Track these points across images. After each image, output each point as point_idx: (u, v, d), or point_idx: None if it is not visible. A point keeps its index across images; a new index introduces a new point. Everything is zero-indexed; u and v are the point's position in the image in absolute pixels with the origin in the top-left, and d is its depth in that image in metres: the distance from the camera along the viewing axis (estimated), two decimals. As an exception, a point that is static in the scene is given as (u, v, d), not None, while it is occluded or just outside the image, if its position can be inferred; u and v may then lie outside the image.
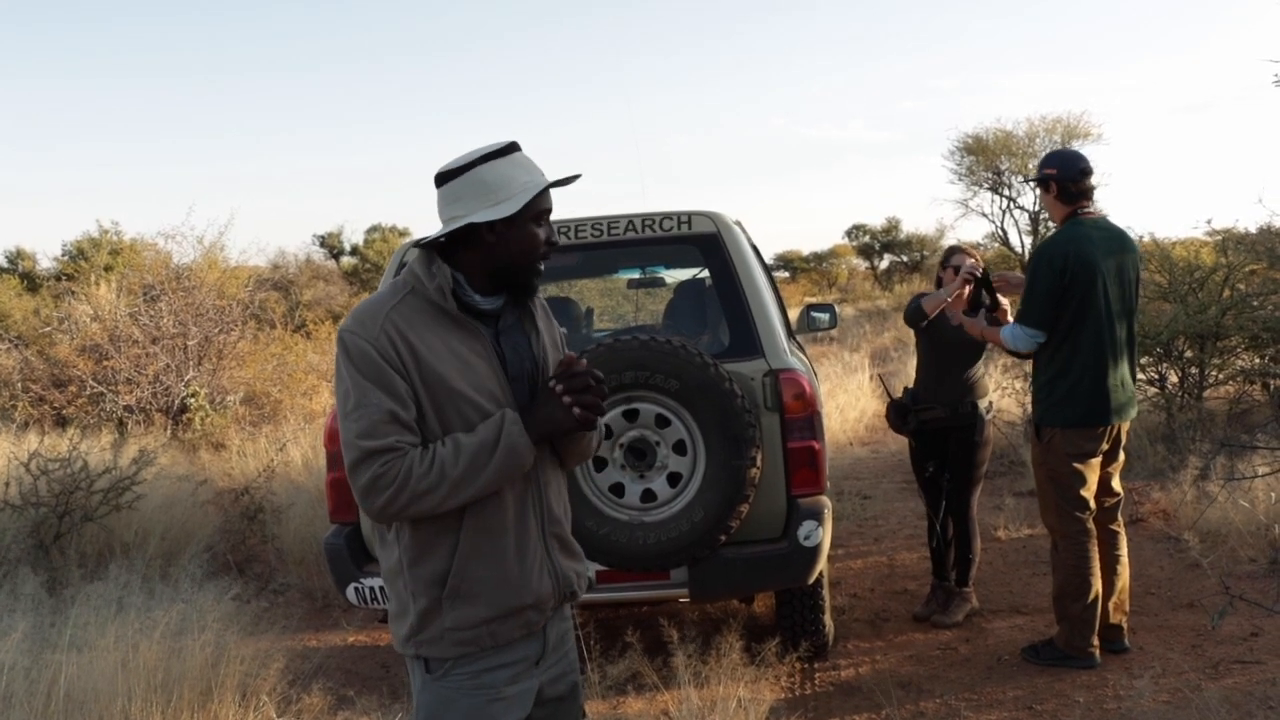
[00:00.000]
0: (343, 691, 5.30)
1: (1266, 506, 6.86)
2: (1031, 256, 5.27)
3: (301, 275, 31.00)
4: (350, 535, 5.11)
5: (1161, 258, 11.08)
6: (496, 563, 2.43)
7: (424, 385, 2.38)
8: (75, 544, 7.30)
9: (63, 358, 13.13)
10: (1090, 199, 5.29)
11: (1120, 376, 5.16)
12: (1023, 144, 35.36)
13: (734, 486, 4.72)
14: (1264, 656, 5.13)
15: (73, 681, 4.61)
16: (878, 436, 12.75)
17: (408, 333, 2.38)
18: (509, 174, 2.42)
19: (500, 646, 2.45)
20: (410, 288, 2.46)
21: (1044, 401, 5.19)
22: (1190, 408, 9.81)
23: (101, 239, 24.68)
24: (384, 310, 2.41)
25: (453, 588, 2.41)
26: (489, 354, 2.46)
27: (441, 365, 2.39)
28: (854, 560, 7.46)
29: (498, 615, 2.43)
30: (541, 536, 2.51)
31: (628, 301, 16.36)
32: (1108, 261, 5.10)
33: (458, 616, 2.42)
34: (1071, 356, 5.07)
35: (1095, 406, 5.10)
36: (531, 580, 2.46)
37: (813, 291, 44.28)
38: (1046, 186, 5.32)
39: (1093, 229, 5.19)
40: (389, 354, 2.36)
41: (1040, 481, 5.33)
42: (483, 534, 2.42)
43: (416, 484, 2.30)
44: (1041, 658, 5.31)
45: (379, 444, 2.31)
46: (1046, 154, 5.51)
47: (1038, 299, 5.09)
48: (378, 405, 2.33)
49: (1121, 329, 5.17)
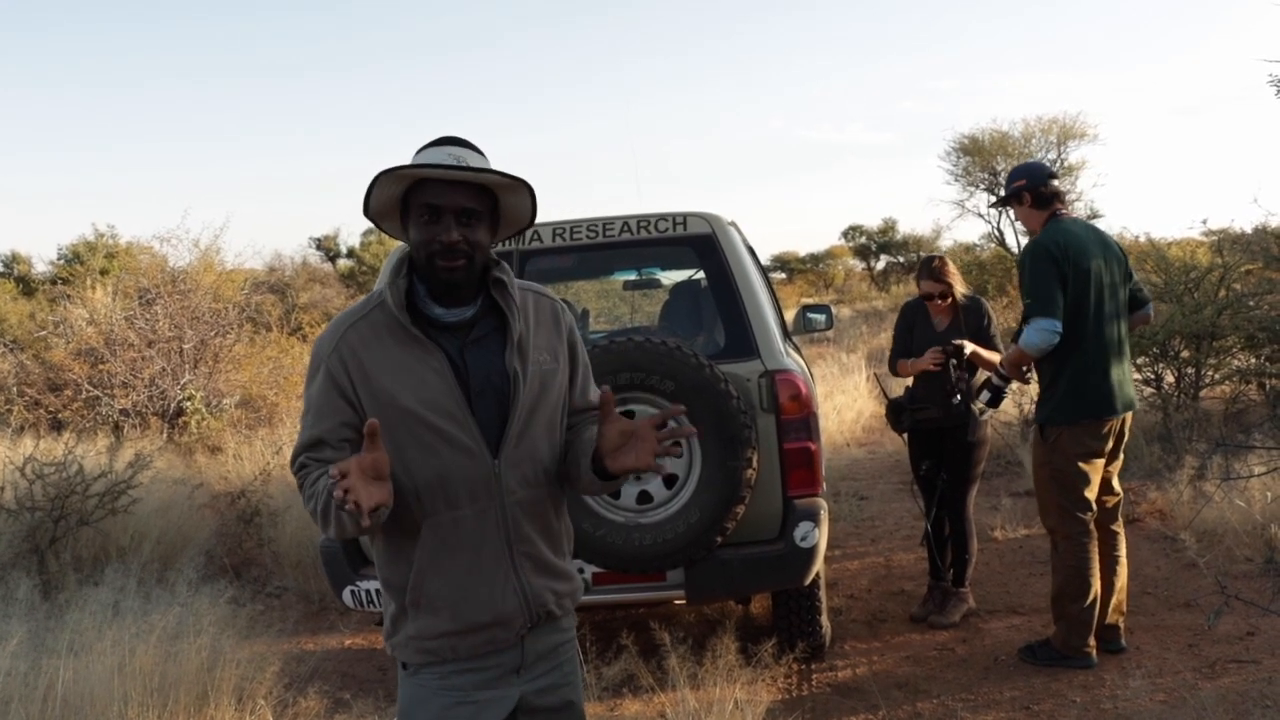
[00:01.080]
0: (339, 694, 5.29)
1: (1263, 506, 6.86)
2: (1023, 256, 5.23)
3: (298, 278, 30.91)
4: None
5: (1158, 258, 11.11)
6: (452, 578, 2.41)
7: (372, 401, 2.38)
8: (71, 548, 7.28)
9: (58, 362, 13.11)
10: (1063, 201, 5.31)
11: (1121, 370, 5.17)
12: (1019, 145, 35.38)
13: (730, 488, 4.72)
14: (1260, 656, 5.13)
15: (69, 686, 4.60)
16: (874, 437, 12.75)
17: (361, 351, 2.39)
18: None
19: (464, 659, 2.44)
20: (380, 301, 2.45)
21: (1049, 401, 5.18)
22: (1186, 407, 9.82)
23: (97, 242, 24.68)
24: (343, 328, 2.43)
25: (412, 598, 2.43)
26: (445, 370, 2.40)
27: (391, 383, 2.38)
28: (851, 561, 7.46)
29: (457, 630, 2.42)
30: (508, 555, 2.44)
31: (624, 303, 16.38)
32: (1096, 254, 5.11)
33: (420, 626, 2.43)
34: (1072, 353, 5.06)
35: (1101, 399, 5.09)
36: (493, 598, 2.42)
37: (809, 292, 44.25)
38: (1020, 199, 5.33)
39: (1076, 225, 5.21)
40: (337, 374, 2.39)
41: (1042, 482, 5.32)
42: (438, 549, 2.40)
43: (308, 504, 2.36)
44: (1039, 658, 5.31)
45: (297, 464, 2.43)
46: (1011, 171, 5.50)
47: (1045, 290, 5.03)
48: (308, 429, 2.44)
49: (1120, 323, 5.19)
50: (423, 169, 2.33)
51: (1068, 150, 35.94)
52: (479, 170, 2.35)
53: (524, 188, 2.44)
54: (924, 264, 6.29)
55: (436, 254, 2.36)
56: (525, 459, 2.46)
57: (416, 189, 2.37)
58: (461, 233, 2.36)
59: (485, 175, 2.37)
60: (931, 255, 6.48)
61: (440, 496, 2.38)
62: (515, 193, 2.46)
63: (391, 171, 2.33)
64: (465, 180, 2.36)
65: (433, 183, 2.35)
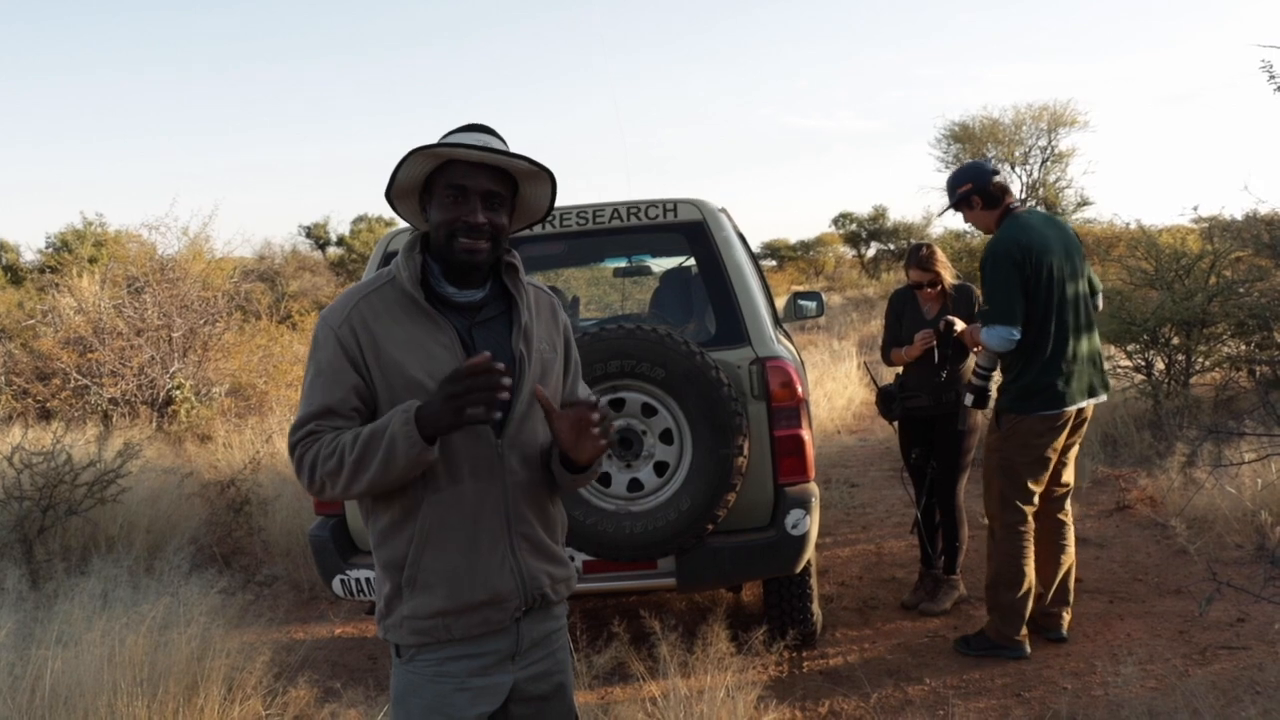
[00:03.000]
0: (329, 684, 5.28)
1: (1253, 493, 6.88)
2: (985, 257, 5.20)
3: (287, 266, 30.92)
4: (336, 527, 5.09)
5: (1148, 245, 11.10)
6: (451, 555, 2.42)
7: (381, 374, 2.40)
8: (59, 538, 7.25)
9: (46, 350, 13.06)
10: (1011, 194, 5.31)
11: (1083, 359, 5.16)
12: (1009, 132, 35.52)
13: (721, 475, 4.70)
14: (1250, 642, 5.14)
15: (58, 676, 4.57)
16: (865, 425, 12.76)
17: (372, 323, 2.42)
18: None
19: (459, 640, 2.44)
20: (390, 277, 2.48)
21: (1009, 392, 5.19)
22: (1177, 394, 9.84)
23: (85, 231, 24.59)
24: (355, 299, 2.46)
25: (409, 576, 2.43)
26: (454, 345, 2.43)
27: (401, 354, 2.40)
28: (842, 548, 7.45)
29: (452, 608, 2.42)
30: (506, 535, 2.46)
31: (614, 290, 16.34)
32: (1056, 248, 5.11)
33: (415, 605, 2.43)
34: (1033, 348, 5.06)
35: (1058, 394, 5.10)
36: (490, 576, 2.43)
37: (800, 280, 44.28)
38: (970, 203, 5.33)
39: (1032, 219, 5.21)
40: (348, 343, 2.40)
41: (990, 468, 5.34)
42: (439, 525, 2.41)
43: (323, 465, 2.33)
44: (973, 648, 5.35)
45: (304, 431, 2.39)
46: (948, 179, 5.48)
47: (1005, 295, 5.03)
48: (318, 396, 2.40)
49: (1081, 310, 5.18)
50: (456, 149, 2.37)
51: (1058, 137, 36.03)
52: (509, 154, 2.40)
53: (547, 177, 2.50)
54: (912, 252, 6.29)
55: (460, 233, 2.40)
56: (527, 441, 2.50)
57: (443, 170, 2.42)
58: (486, 215, 2.41)
59: (514, 160, 2.42)
60: (919, 244, 6.47)
61: (443, 471, 2.40)
62: (538, 182, 2.51)
63: (423, 149, 2.37)
64: (493, 164, 2.41)
65: (461, 164, 2.40)
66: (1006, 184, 5.31)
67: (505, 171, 2.45)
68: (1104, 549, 6.89)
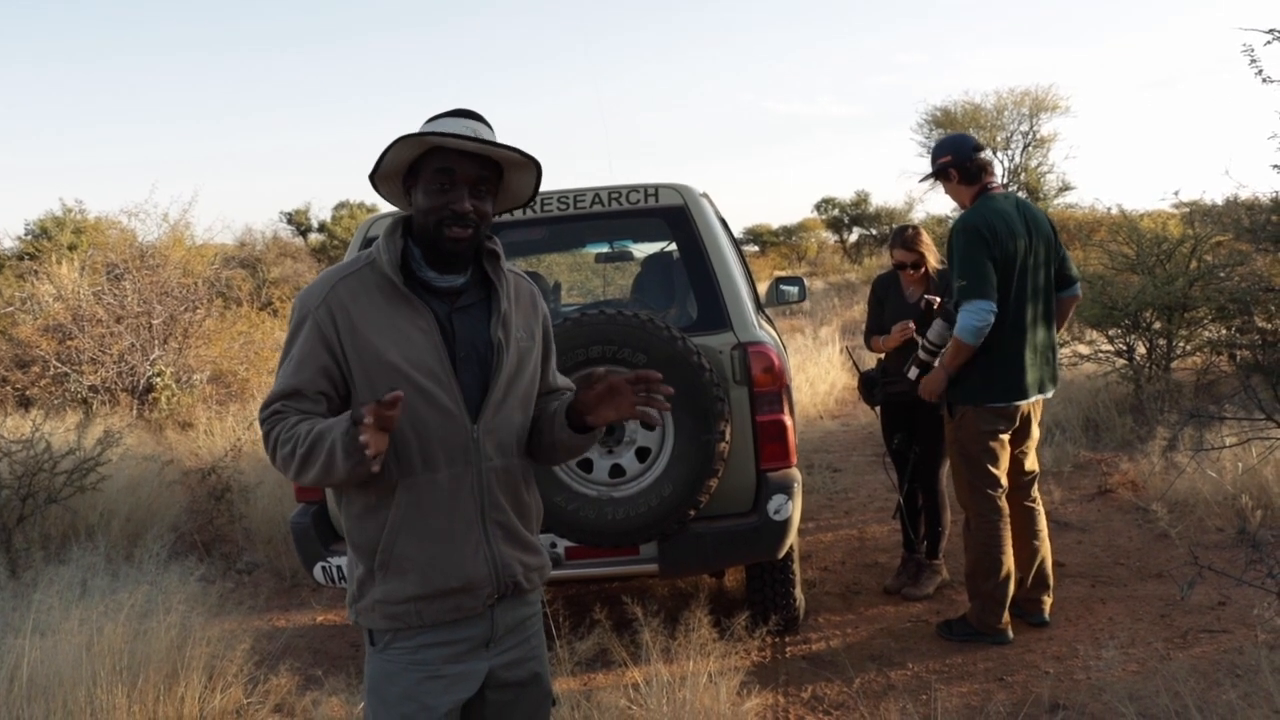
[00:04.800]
0: (311, 671, 5.26)
1: (1234, 476, 6.90)
2: (953, 234, 5.14)
3: (269, 253, 30.70)
4: (316, 514, 5.07)
5: (1130, 229, 11.12)
6: (423, 541, 2.41)
7: (357, 357, 2.39)
8: (38, 526, 7.21)
9: (25, 338, 12.97)
10: (992, 173, 5.27)
11: (1038, 353, 5.15)
12: (991, 116, 35.54)
13: (703, 461, 4.69)
14: (1231, 625, 5.15)
15: (36, 666, 4.54)
16: (848, 410, 12.77)
17: (350, 305, 2.41)
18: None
19: (431, 626, 2.44)
20: (370, 260, 2.48)
21: (959, 382, 5.16)
22: (1158, 379, 9.87)
23: (65, 217, 24.35)
24: (332, 281, 2.46)
25: (382, 560, 2.43)
26: (432, 330, 2.42)
27: (377, 338, 2.39)
28: (824, 533, 7.46)
29: (424, 594, 2.41)
30: (481, 522, 2.46)
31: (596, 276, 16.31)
32: (1025, 234, 5.08)
33: (387, 589, 2.43)
34: (990, 334, 5.00)
35: (1010, 386, 5.09)
36: (463, 563, 2.43)
37: (782, 265, 44.29)
38: (947, 175, 5.29)
39: (1005, 202, 5.17)
40: (324, 325, 2.40)
41: (953, 459, 5.36)
42: (413, 510, 2.41)
43: (280, 449, 2.33)
44: (955, 633, 5.35)
45: (271, 410, 2.39)
46: (934, 146, 5.43)
47: (977, 270, 4.97)
48: (288, 377, 2.40)
49: (1040, 303, 5.16)
50: (445, 138, 2.35)
51: (1040, 123, 36.08)
52: (497, 145, 2.40)
53: (533, 166, 2.49)
54: (897, 233, 6.28)
55: (447, 221, 2.39)
56: (502, 427, 2.49)
57: (429, 156, 2.41)
58: (473, 203, 2.41)
59: (502, 151, 2.41)
60: (905, 225, 6.46)
61: (418, 456, 2.40)
62: (524, 170, 2.52)
63: (411, 137, 2.36)
64: (481, 153, 2.40)
65: (448, 151, 2.39)
66: (988, 163, 5.26)
67: (492, 159, 2.44)
68: (1085, 533, 6.90)
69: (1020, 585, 5.36)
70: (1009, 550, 5.22)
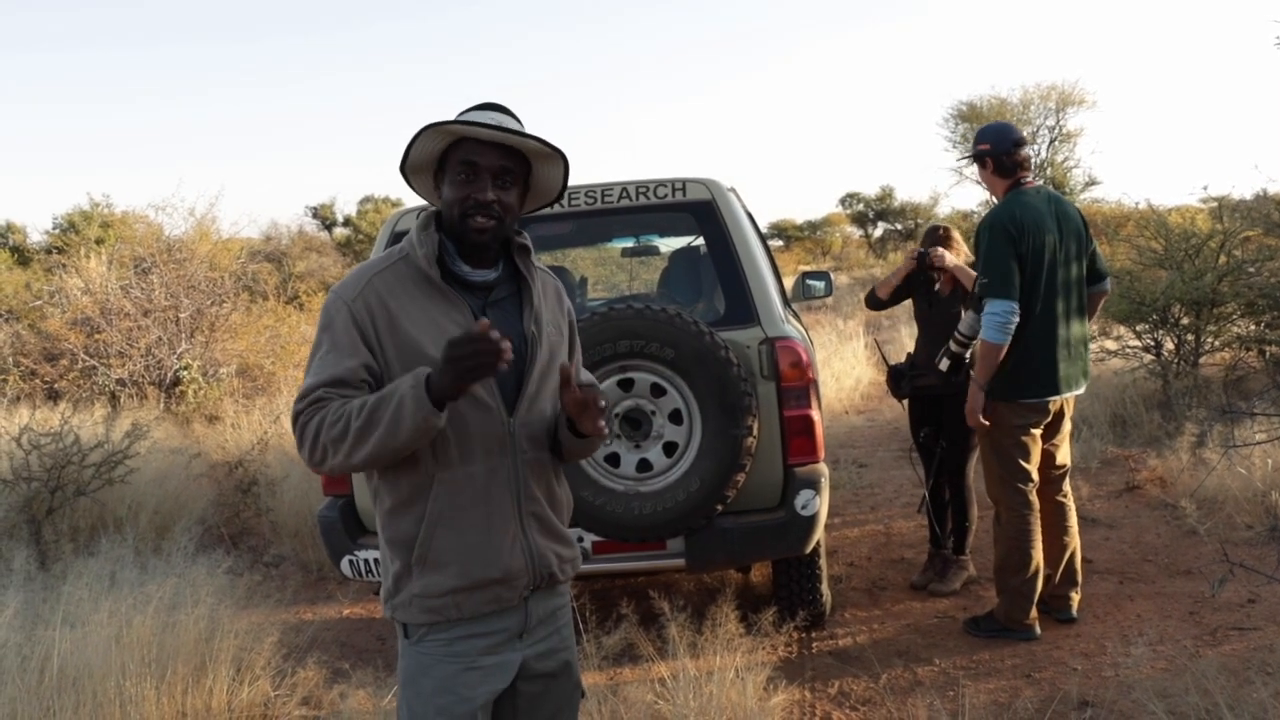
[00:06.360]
0: (338, 664, 5.28)
1: (1264, 473, 6.85)
2: (981, 229, 5.14)
3: (294, 247, 30.84)
4: (344, 507, 5.08)
5: (1158, 224, 11.05)
6: (462, 533, 2.42)
7: (397, 351, 2.39)
8: (67, 519, 7.26)
9: (54, 331, 13.04)
10: (1028, 169, 5.25)
11: (1070, 348, 5.12)
12: (1017, 111, 35.41)
13: (730, 456, 4.69)
14: (1261, 623, 5.12)
15: (66, 658, 4.57)
16: (873, 405, 12.74)
17: (388, 299, 2.41)
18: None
19: (468, 619, 2.44)
20: (404, 254, 2.48)
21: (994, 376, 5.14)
22: (1186, 375, 9.80)
23: (92, 212, 24.51)
24: (368, 275, 2.46)
25: (420, 554, 2.42)
26: (468, 324, 2.40)
27: (418, 332, 2.39)
28: (851, 529, 7.45)
29: (463, 586, 2.41)
30: (517, 513, 2.47)
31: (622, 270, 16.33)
32: (1056, 230, 5.06)
33: (425, 583, 2.43)
34: (1021, 330, 4.99)
35: (1041, 381, 5.07)
36: (501, 554, 2.44)
37: (807, 260, 44.12)
38: (983, 162, 5.28)
39: (1036, 198, 5.14)
40: (361, 318, 2.39)
41: (984, 453, 5.34)
42: (450, 503, 2.41)
43: (328, 430, 2.30)
44: (981, 629, 5.33)
45: (312, 398, 2.35)
46: (979, 130, 5.44)
47: (1001, 268, 4.97)
48: (328, 367, 2.37)
49: (1073, 298, 5.14)
50: (469, 126, 2.37)
51: (1066, 117, 35.92)
52: (522, 134, 2.41)
53: (560, 159, 2.50)
54: (929, 233, 6.31)
55: (470, 212, 2.40)
56: (535, 420, 2.51)
57: (456, 147, 2.42)
58: (496, 193, 2.41)
59: (526, 140, 2.42)
60: (937, 224, 6.47)
61: (455, 449, 2.40)
62: (550, 163, 2.52)
63: (436, 125, 2.38)
64: (505, 143, 2.41)
65: (473, 141, 2.40)
66: (1025, 159, 5.22)
67: (518, 151, 2.45)
68: (1114, 530, 6.87)
69: (1048, 581, 5.33)
70: (1039, 545, 5.19)
